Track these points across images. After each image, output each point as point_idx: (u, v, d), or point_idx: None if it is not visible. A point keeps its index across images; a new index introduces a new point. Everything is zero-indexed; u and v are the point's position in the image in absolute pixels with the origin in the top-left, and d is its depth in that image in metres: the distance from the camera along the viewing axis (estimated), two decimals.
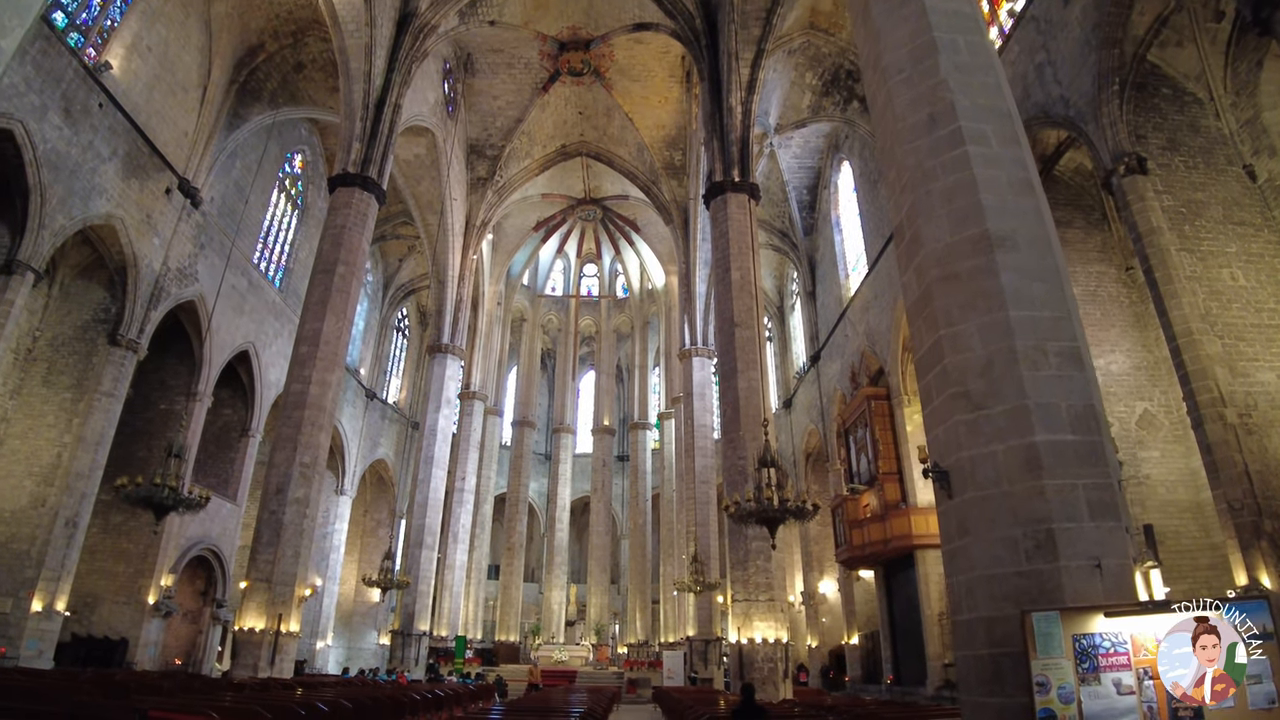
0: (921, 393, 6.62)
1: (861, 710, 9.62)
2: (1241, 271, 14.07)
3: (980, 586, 5.53)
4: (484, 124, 34.97)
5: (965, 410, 5.96)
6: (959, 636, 5.91)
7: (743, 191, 21.85)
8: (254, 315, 28.00)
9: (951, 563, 5.99)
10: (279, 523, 17.99)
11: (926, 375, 6.50)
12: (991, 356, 6.00)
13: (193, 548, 24.93)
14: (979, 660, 5.47)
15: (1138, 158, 14.59)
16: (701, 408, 31.71)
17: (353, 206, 22.24)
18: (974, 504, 5.70)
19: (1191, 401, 12.47)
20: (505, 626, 38.33)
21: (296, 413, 19.22)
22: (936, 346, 6.35)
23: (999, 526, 5.52)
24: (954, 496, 5.94)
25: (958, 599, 5.88)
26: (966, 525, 5.74)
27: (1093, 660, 4.63)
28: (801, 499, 11.72)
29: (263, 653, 16.96)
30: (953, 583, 6.00)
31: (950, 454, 6.01)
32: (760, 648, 17.11)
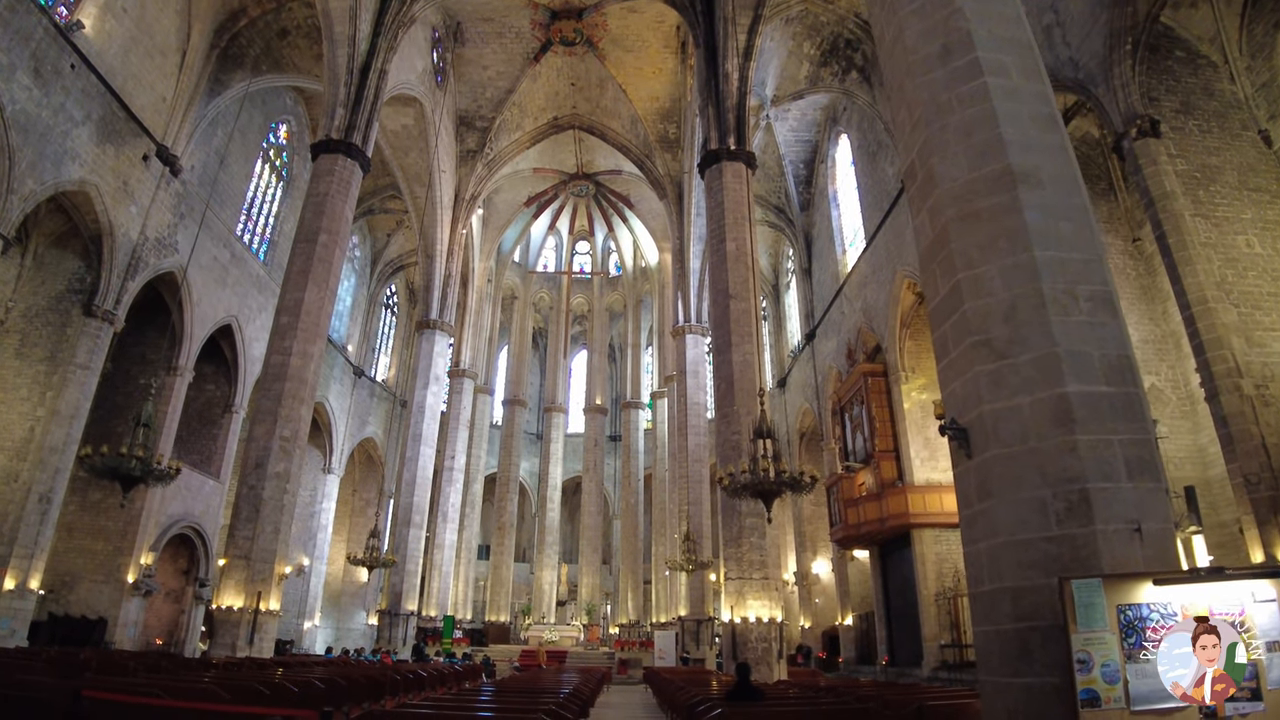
0: (937, 344, 6.05)
1: (862, 691, 9.13)
2: (1258, 239, 13.54)
3: (1005, 554, 4.98)
4: (474, 95, 34.16)
5: (987, 360, 5.40)
6: (979, 610, 5.36)
7: (739, 160, 21.21)
8: (237, 289, 27.28)
9: (971, 529, 5.44)
10: (258, 498, 17.42)
11: (942, 324, 5.93)
12: (1015, 301, 5.43)
13: (174, 525, 24.35)
14: (1003, 636, 4.93)
15: (1150, 120, 14.02)
16: (695, 386, 31.17)
17: (336, 174, 21.52)
18: (997, 463, 5.15)
19: (1206, 372, 11.96)
20: (496, 607, 37.91)
21: (277, 385, 18.60)
22: (954, 292, 5.78)
23: (1026, 487, 4.97)
24: (974, 456, 5.39)
25: (978, 569, 5.34)
26: (989, 487, 5.18)
27: (1139, 634, 4.10)
28: (800, 470, 11.18)
29: (241, 632, 16.43)
30: (972, 551, 5.45)
31: (970, 409, 5.45)
32: (754, 627, 16.66)
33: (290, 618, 34.72)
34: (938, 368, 6.01)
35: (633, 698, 20.03)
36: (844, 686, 10.23)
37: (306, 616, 34.96)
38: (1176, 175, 13.71)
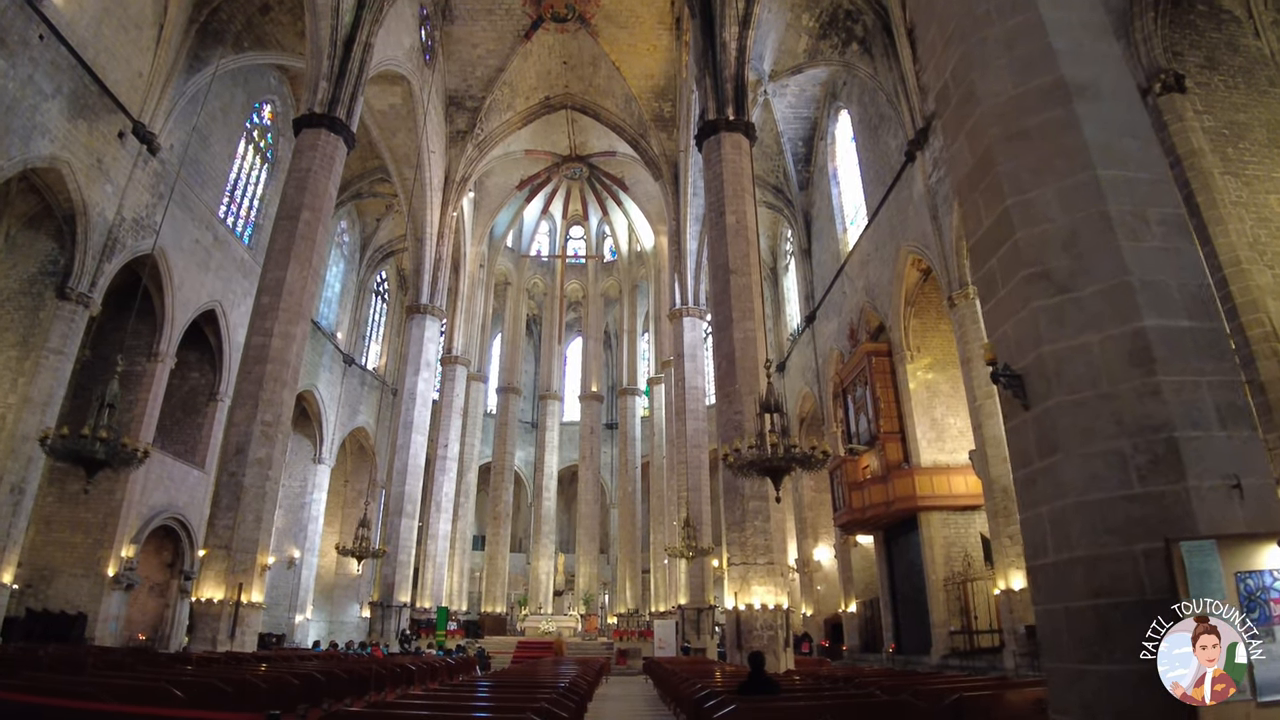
0: (981, 283, 5.29)
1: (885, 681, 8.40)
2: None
3: (1075, 518, 4.24)
4: (463, 74, 33.26)
5: (1045, 294, 4.64)
6: (1042, 586, 4.61)
7: (737, 130, 20.41)
8: (220, 273, 26.41)
9: (1029, 491, 4.69)
10: (239, 485, 16.64)
11: (988, 260, 5.17)
12: (1077, 227, 4.68)
13: (156, 517, 23.55)
14: (1075, 615, 4.18)
15: (1175, 75, 13.27)
16: (693, 369, 30.41)
17: (319, 149, 20.68)
18: (1063, 412, 4.40)
19: (1241, 337, 11.23)
20: (491, 597, 37.19)
21: (258, 367, 17.80)
22: (1002, 221, 5.02)
23: (1099, 438, 4.22)
24: (1033, 406, 4.63)
25: (1039, 537, 4.59)
26: (1053, 440, 4.43)
27: (1264, 608, 3.36)
28: (811, 445, 10.43)
29: (222, 625, 15.67)
30: (1031, 517, 4.70)
31: (1026, 352, 4.70)
32: (759, 614, 15.94)
33: (281, 611, 34.02)
34: (983, 310, 5.25)
35: (633, 689, 19.33)
36: (862, 676, 9.54)
37: (298, 610, 34.24)
38: (1204, 132, 12.96)
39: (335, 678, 9.84)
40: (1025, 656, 15.42)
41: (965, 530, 20.90)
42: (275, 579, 33.72)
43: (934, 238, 20.24)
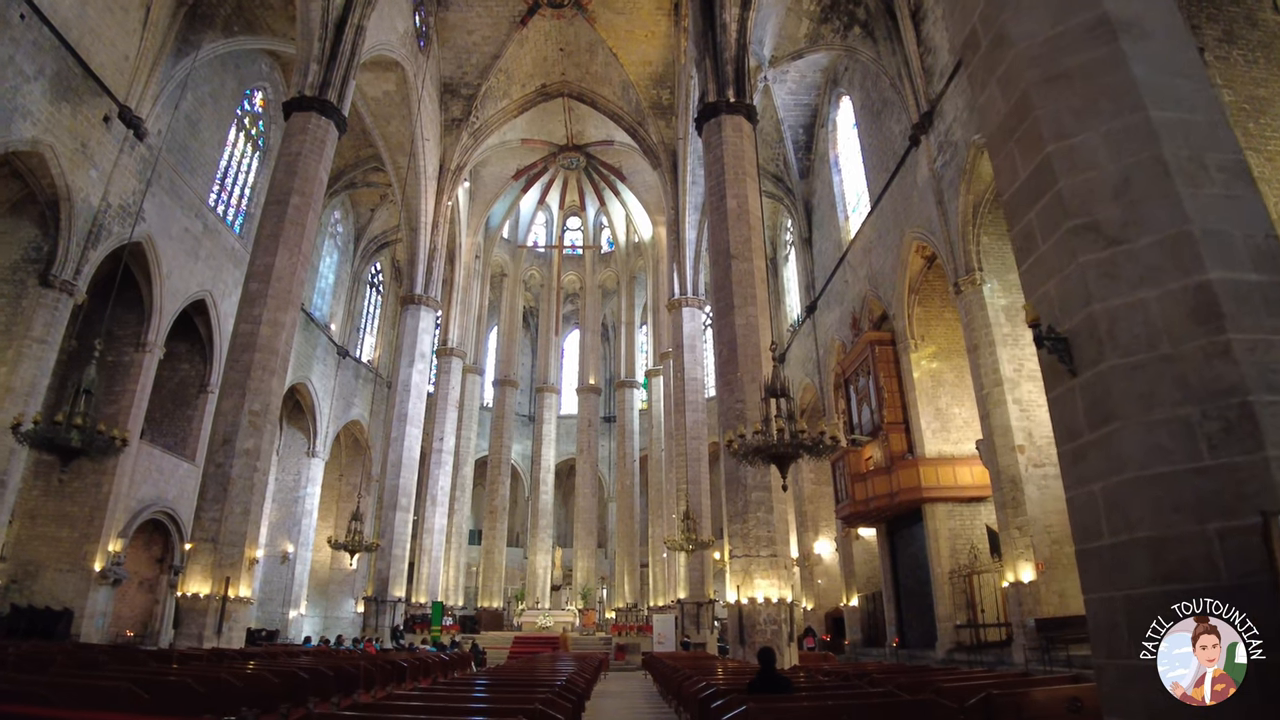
0: (1018, 240, 4.81)
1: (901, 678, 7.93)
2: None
3: (1135, 494, 3.77)
4: (458, 61, 32.72)
5: (1094, 247, 4.17)
6: (1093, 572, 4.13)
7: (738, 113, 19.91)
8: (211, 261, 25.87)
9: (1078, 466, 4.23)
10: (226, 476, 16.15)
11: (1026, 213, 4.69)
12: (1128, 173, 4.21)
13: (145, 510, 23.07)
14: (1137, 604, 3.71)
15: (1196, 48, 12.74)
16: (692, 360, 29.94)
17: (309, 133, 20.19)
18: (1118, 377, 3.93)
19: None
20: (488, 592, 36.77)
21: (245, 355, 17.30)
22: (1042, 170, 4.54)
23: (1162, 405, 3.75)
24: (1080, 372, 4.16)
25: (1091, 517, 4.12)
26: (1107, 408, 3.96)
27: None
28: (820, 430, 9.96)
29: (208, 621, 15.19)
30: (1081, 495, 4.23)
31: (1073, 311, 4.23)
32: (762, 608, 15.49)
33: (275, 606, 33.57)
34: (1020, 270, 4.77)
35: (632, 685, 18.90)
36: (874, 672, 9.08)
37: (292, 605, 33.77)
38: (1224, 107, 12.46)
39: (321, 675, 9.37)
40: (1036, 651, 15.00)
41: (971, 522, 20.47)
42: (268, 574, 33.29)
43: (939, 223, 19.77)
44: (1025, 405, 17.53)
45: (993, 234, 19.37)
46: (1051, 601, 15.79)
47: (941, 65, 20.26)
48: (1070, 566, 16.36)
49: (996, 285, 18.79)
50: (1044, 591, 15.81)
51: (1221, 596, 3.31)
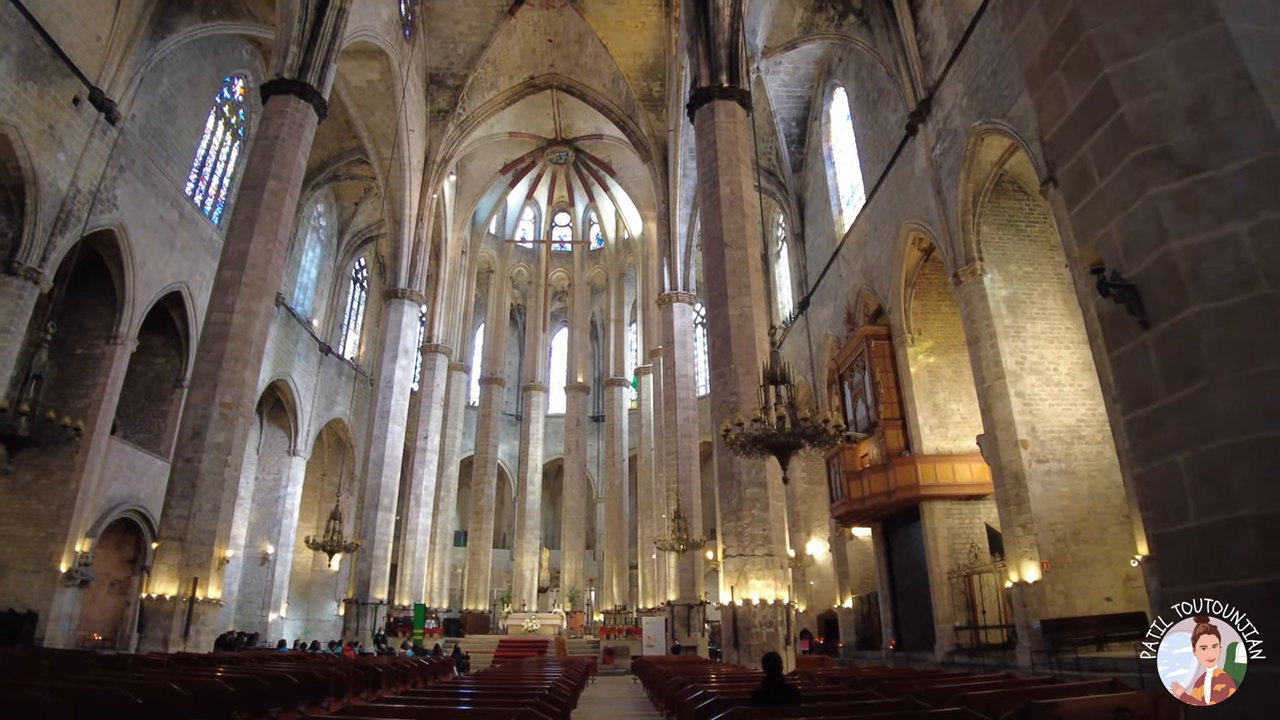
0: (1069, 179, 4.17)
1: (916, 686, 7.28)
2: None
3: (1235, 465, 3.14)
4: (445, 51, 32.00)
5: (1167, 177, 3.55)
6: (1177, 559, 3.49)
7: (732, 98, 19.32)
8: (187, 252, 25.04)
9: (1154, 434, 3.58)
10: (195, 472, 15.39)
11: (1078, 149, 4.06)
12: (1205, 91, 3.60)
13: (115, 509, 22.24)
14: (1240, 599, 3.08)
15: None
16: (683, 357, 29.29)
17: (288, 116, 19.44)
18: (1207, 324, 3.30)
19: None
20: (474, 595, 35.97)
21: (218, 346, 16.54)
22: (1099, 95, 3.91)
23: (1265, 356, 3.13)
24: (1155, 323, 3.53)
25: (1172, 495, 3.47)
26: (1193, 363, 3.33)
27: None
28: (824, 418, 9.32)
29: (174, 624, 14.41)
30: (1159, 470, 3.58)
31: (1142, 253, 3.60)
32: (757, 610, 14.83)
33: (254, 609, 32.71)
34: (1071, 213, 4.14)
35: (621, 690, 18.20)
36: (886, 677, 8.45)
37: (271, 608, 32.89)
38: None
39: (285, 682, 8.66)
40: (1042, 653, 14.40)
41: (970, 521, 19.92)
42: (248, 575, 32.44)
43: (938, 213, 19.24)
44: (1028, 399, 17.00)
45: (993, 223, 18.85)
46: (1057, 602, 15.23)
47: (940, 51, 19.73)
48: (1077, 565, 15.83)
49: (997, 276, 18.25)
50: (1049, 591, 15.24)
51: None
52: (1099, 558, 15.82)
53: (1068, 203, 4.15)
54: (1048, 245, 19.08)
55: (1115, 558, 15.82)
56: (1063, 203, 14.66)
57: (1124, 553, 15.88)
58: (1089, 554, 15.82)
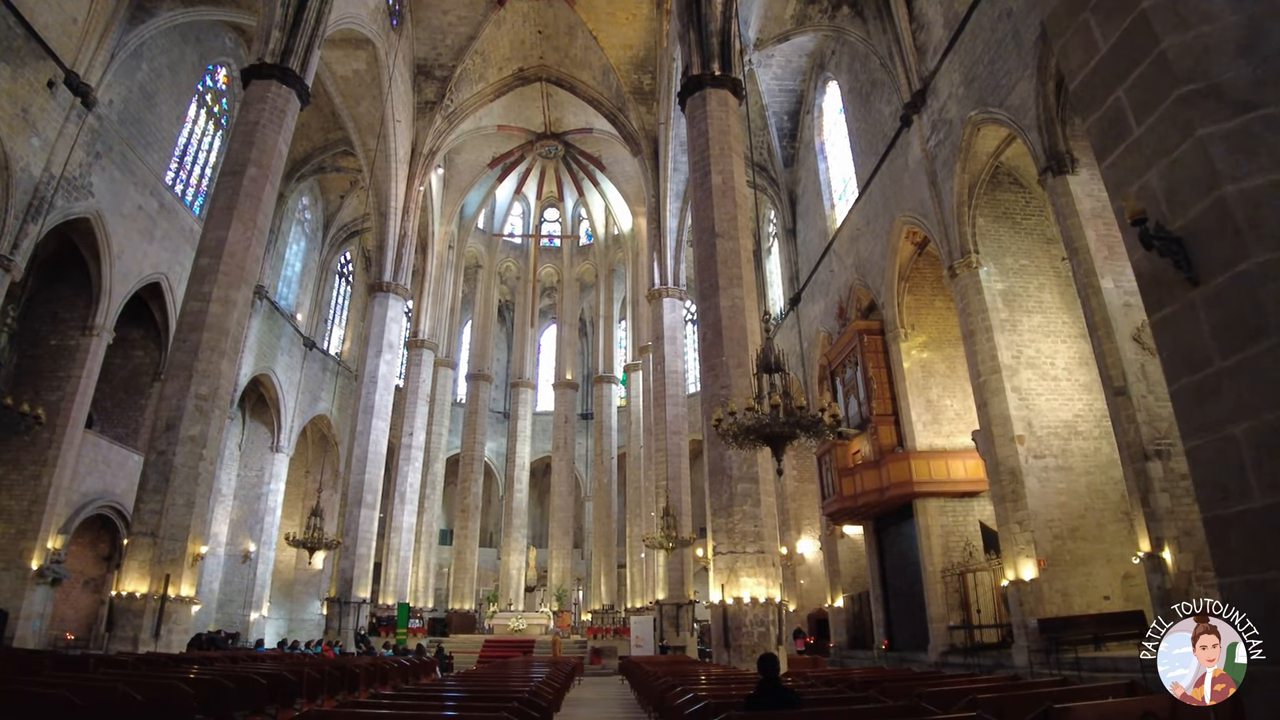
0: (1101, 131, 3.78)
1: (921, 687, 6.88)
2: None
3: None
4: (432, 41, 31.50)
5: (1218, 116, 3.17)
6: (1236, 546, 3.08)
7: (724, 86, 18.94)
8: (167, 243, 24.47)
9: (1205, 406, 3.18)
10: (168, 465, 14.87)
11: (1110, 93, 3.68)
12: (1258, 22, 3.22)
13: (89, 505, 21.68)
14: None
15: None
16: (673, 353, 28.88)
17: (269, 102, 18.94)
18: (1267, 277, 2.91)
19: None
20: (460, 594, 35.45)
21: (193, 335, 16.03)
22: (1135, 32, 3.52)
23: None
24: (1206, 278, 3.14)
25: (1227, 473, 3.07)
26: (1253, 321, 2.92)
27: None
28: (821, 407, 8.92)
29: (145, 623, 13.89)
30: (1212, 444, 3.18)
31: (1189, 202, 3.21)
32: (749, 609, 14.43)
33: (235, 608, 32.13)
34: (1103, 165, 3.75)
35: (608, 691, 17.77)
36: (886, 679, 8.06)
37: (253, 607, 32.30)
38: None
39: (252, 684, 8.21)
40: (1040, 653, 14.06)
41: (964, 518, 19.59)
42: (229, 574, 31.86)
43: (932, 205, 18.90)
44: (1024, 393, 16.68)
45: (989, 215, 18.53)
46: (1054, 600, 14.90)
47: (935, 41, 19.40)
48: (1074, 563, 15.50)
49: (993, 269, 17.92)
50: (1047, 590, 14.90)
51: None
52: (1097, 555, 15.50)
53: (1099, 154, 3.76)
54: (1044, 238, 18.78)
55: (1113, 555, 15.50)
56: (1064, 190, 14.36)
57: (1122, 550, 15.57)
58: (1087, 551, 15.49)
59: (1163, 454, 12.35)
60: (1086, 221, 14.09)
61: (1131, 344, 13.21)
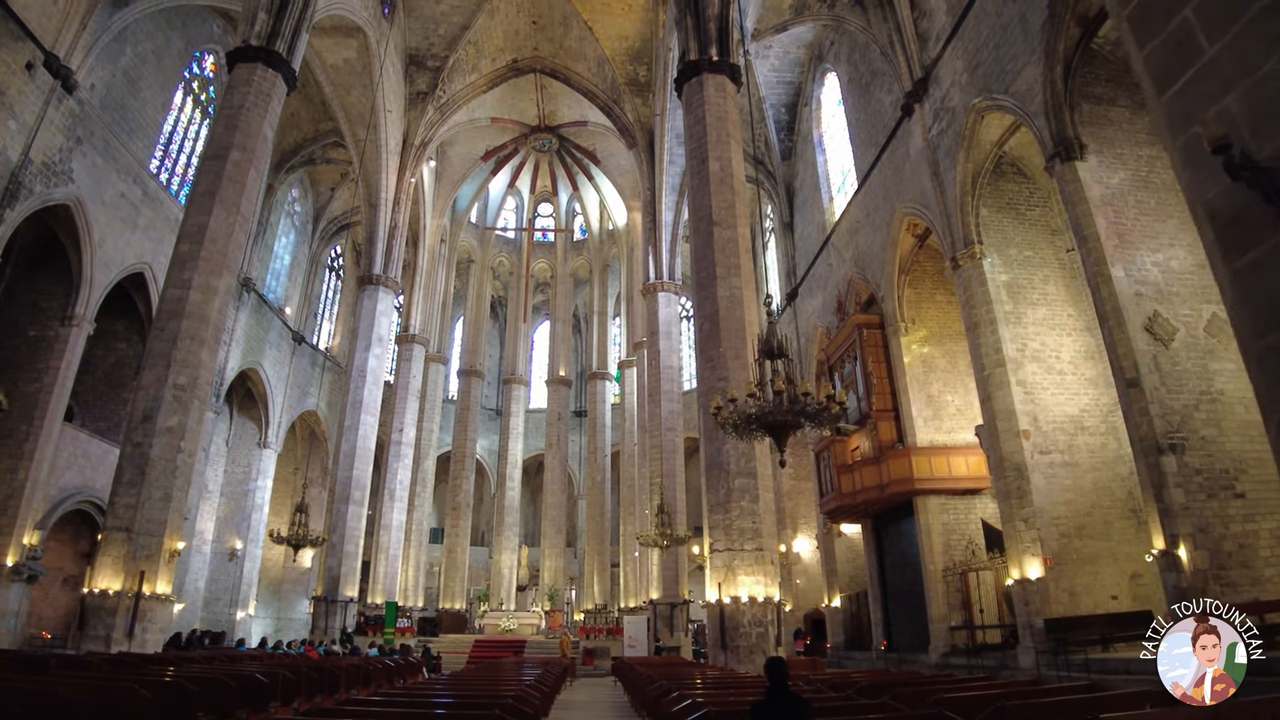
0: (1161, 55, 3.26)
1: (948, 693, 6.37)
2: None
3: None
4: (425, 31, 30.94)
5: None
6: None
7: (721, 72, 18.49)
8: (151, 232, 23.89)
9: None
10: (144, 458, 14.34)
11: (1173, 17, 3.17)
12: None
13: (68, 500, 21.12)
14: None
15: None
16: (668, 348, 28.38)
17: (254, 84, 18.42)
18: None
19: None
20: (450, 593, 34.88)
21: (173, 323, 15.51)
22: None
23: None
24: None
25: None
26: None
27: None
28: (826, 393, 8.44)
29: (118, 621, 13.36)
30: None
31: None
32: (746, 608, 13.95)
33: (221, 606, 31.55)
34: (1165, 96, 3.24)
35: (600, 694, 17.27)
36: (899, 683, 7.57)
37: (240, 606, 31.73)
38: None
39: (219, 687, 7.70)
40: (1047, 654, 13.61)
41: (966, 516, 19.16)
42: (215, 572, 31.28)
43: (935, 195, 18.48)
44: (1029, 387, 16.25)
45: (992, 206, 18.11)
46: (1061, 600, 14.46)
47: (938, 28, 18.98)
48: (1081, 562, 15.06)
49: (997, 260, 17.51)
50: (1053, 589, 14.46)
51: None
52: (1104, 554, 15.07)
53: (1159, 85, 3.27)
54: (1048, 230, 18.39)
55: (1121, 554, 15.09)
56: (1072, 176, 13.87)
57: (1129, 549, 15.16)
58: (1094, 550, 15.07)
59: (1177, 448, 11.91)
60: (1096, 208, 13.66)
61: (1143, 334, 12.78)
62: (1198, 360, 12.94)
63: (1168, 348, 12.82)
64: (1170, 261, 13.74)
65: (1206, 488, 11.78)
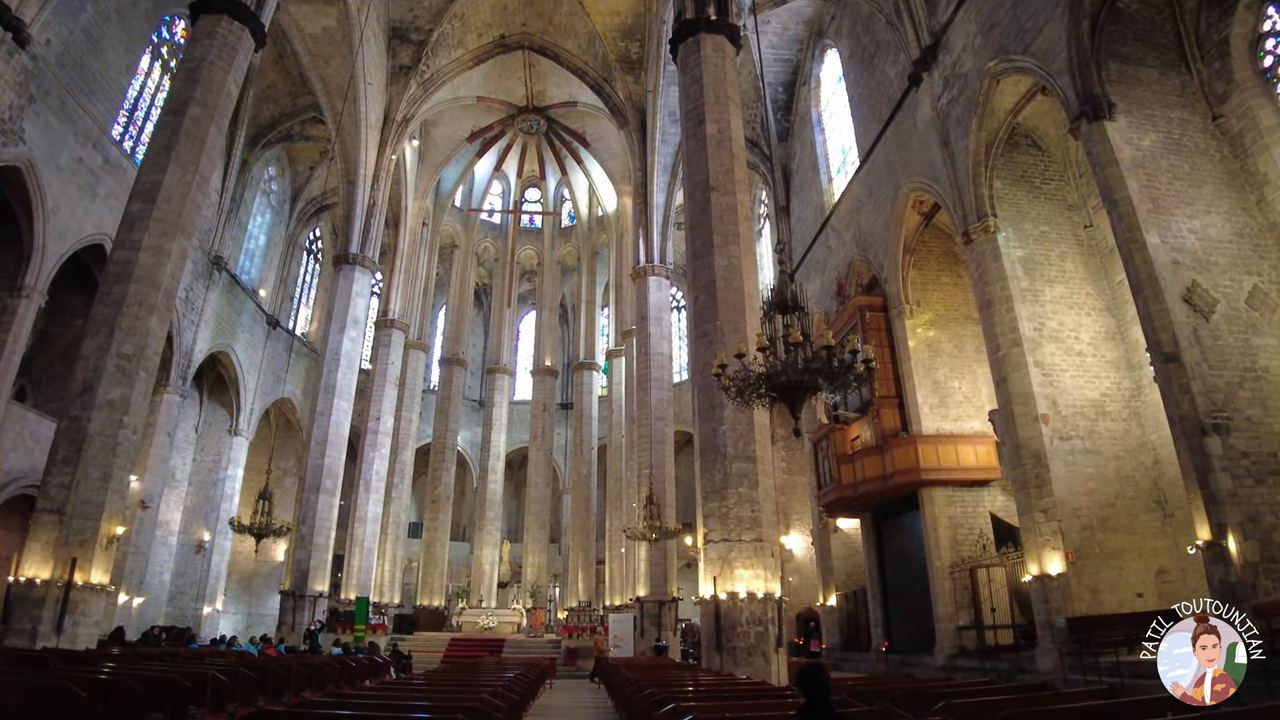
0: None
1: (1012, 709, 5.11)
2: None
3: None
4: (409, 2, 29.57)
5: None
6: None
7: (719, 32, 17.29)
8: (112, 202, 22.39)
9: None
10: (82, 433, 13.00)
11: None
12: None
13: (13, 483, 19.72)
14: None
15: None
16: (658, 334, 27.14)
17: (218, 37, 17.05)
18: None
19: None
20: (429, 589, 33.52)
21: (119, 287, 14.18)
22: None
23: None
24: None
25: None
26: None
27: None
28: (851, 348, 7.22)
29: (45, 614, 11.98)
30: None
31: None
32: (744, 605, 12.70)
33: (187, 601, 30.18)
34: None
35: (582, 697, 16.02)
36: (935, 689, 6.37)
37: (207, 600, 30.36)
38: None
39: (125, 693, 6.43)
40: (1070, 656, 12.47)
41: (974, 509, 18.04)
42: (181, 564, 29.89)
43: (944, 167, 17.39)
44: (1047, 369, 15.17)
45: (1005, 178, 17.03)
46: (1083, 598, 13.35)
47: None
48: (1105, 556, 13.91)
49: (1011, 234, 16.42)
50: (1075, 586, 13.34)
51: None
52: (1128, 548, 13.98)
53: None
54: (1064, 204, 17.33)
55: (1146, 549, 14.01)
56: (1101, 137, 12.74)
57: (1155, 543, 14.10)
58: (1117, 544, 13.98)
59: (1221, 428, 10.79)
60: (1128, 171, 12.53)
61: (1182, 305, 11.66)
62: (1239, 335, 11.84)
63: (1208, 320, 11.72)
64: (1208, 229, 12.63)
65: (1254, 472, 10.66)
